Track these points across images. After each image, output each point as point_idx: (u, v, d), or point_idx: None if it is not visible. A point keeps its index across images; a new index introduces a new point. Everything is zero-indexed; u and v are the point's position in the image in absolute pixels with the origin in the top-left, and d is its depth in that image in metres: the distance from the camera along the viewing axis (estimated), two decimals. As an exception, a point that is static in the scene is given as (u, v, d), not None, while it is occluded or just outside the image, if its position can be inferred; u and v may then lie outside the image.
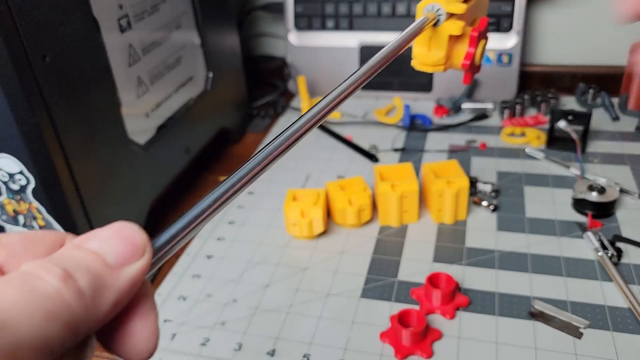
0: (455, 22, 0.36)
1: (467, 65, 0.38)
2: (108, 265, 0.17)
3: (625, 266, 0.47)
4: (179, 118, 0.59)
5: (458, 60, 0.39)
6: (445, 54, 0.37)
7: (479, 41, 0.38)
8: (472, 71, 0.40)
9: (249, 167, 0.24)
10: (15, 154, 0.41)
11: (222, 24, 0.69)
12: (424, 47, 0.38)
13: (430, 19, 0.35)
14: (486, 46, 0.40)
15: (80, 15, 0.43)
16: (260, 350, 0.42)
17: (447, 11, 0.36)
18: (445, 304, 0.44)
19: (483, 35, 0.39)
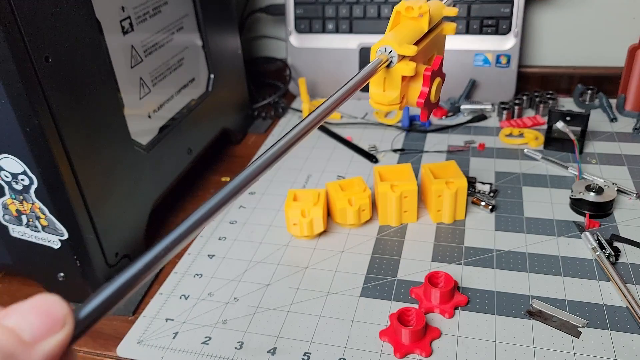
0: (408, 64, 0.37)
1: (421, 103, 0.39)
2: (22, 342, 0.17)
3: (623, 266, 0.47)
4: (180, 119, 0.60)
5: (413, 98, 0.40)
6: (399, 94, 0.38)
7: (433, 80, 0.39)
8: (428, 108, 0.41)
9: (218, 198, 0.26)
10: (18, 154, 0.41)
11: (224, 25, 0.69)
12: (378, 88, 0.39)
13: (383, 60, 0.36)
14: (442, 84, 0.41)
15: (83, 17, 0.43)
16: (261, 349, 0.43)
17: (398, 53, 0.37)
18: (444, 302, 0.44)
19: (438, 73, 0.40)
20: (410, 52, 0.37)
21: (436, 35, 0.42)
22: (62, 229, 0.44)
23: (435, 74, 0.39)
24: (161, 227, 0.59)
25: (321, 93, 0.84)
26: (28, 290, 0.52)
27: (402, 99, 0.39)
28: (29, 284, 0.52)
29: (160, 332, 0.45)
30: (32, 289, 0.51)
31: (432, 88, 0.39)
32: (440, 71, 0.40)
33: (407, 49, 0.37)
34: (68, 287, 0.48)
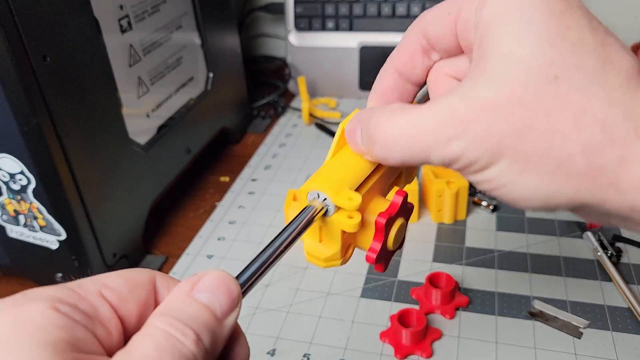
0: (351, 216, 0.27)
1: (372, 259, 0.28)
2: (217, 318, 0.20)
3: (624, 266, 0.47)
4: (179, 118, 0.60)
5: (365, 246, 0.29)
6: (339, 250, 0.28)
7: (390, 227, 0.28)
8: (384, 260, 0.29)
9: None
10: (16, 154, 0.41)
11: (223, 24, 0.69)
12: (313, 238, 0.29)
13: (317, 209, 0.27)
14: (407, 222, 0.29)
15: (81, 16, 0.43)
16: (260, 350, 0.42)
17: (335, 204, 0.27)
18: (445, 303, 0.44)
19: (399, 215, 0.28)
20: (352, 205, 0.26)
21: None
22: (59, 229, 0.44)
23: (393, 220, 0.28)
24: (160, 228, 0.59)
25: (321, 92, 0.84)
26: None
27: (347, 250, 0.29)
28: (26, 284, 0.52)
29: (159, 333, 0.45)
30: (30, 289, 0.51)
31: (389, 237, 0.28)
32: (403, 210, 0.29)
33: (348, 199, 0.26)
34: (66, 287, 0.48)
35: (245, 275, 0.23)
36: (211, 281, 0.20)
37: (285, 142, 0.73)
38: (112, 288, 0.20)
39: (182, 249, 0.55)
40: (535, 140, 0.21)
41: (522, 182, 0.22)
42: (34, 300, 0.19)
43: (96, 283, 0.20)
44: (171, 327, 0.18)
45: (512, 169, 0.22)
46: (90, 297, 0.19)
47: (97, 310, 0.19)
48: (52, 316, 0.18)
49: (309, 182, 0.28)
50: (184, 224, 0.59)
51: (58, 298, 0.19)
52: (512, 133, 0.21)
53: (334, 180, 0.27)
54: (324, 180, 0.28)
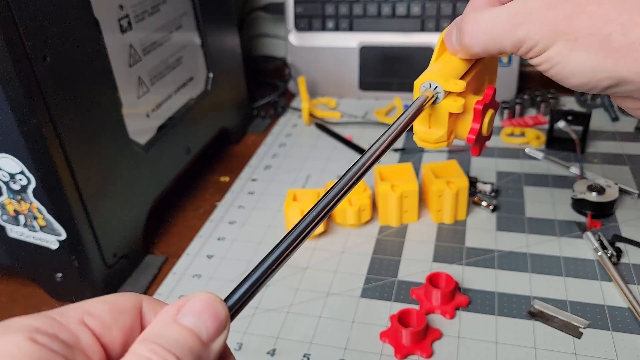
0: (456, 100, 0.34)
1: (472, 140, 0.36)
2: (203, 343, 0.19)
3: (624, 266, 0.47)
4: (179, 118, 0.60)
5: (463, 133, 0.36)
6: (446, 132, 0.35)
7: (485, 113, 0.36)
8: (479, 143, 0.37)
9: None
10: (16, 154, 0.41)
11: (223, 24, 0.69)
12: (424, 125, 0.36)
13: (429, 97, 0.34)
14: (495, 114, 0.37)
15: (81, 16, 0.43)
16: (260, 350, 0.42)
17: (444, 89, 0.34)
18: (445, 303, 0.44)
19: (490, 105, 0.36)
20: (458, 88, 0.33)
21: (487, 60, 0.38)
22: (59, 229, 0.44)
23: (487, 107, 0.35)
24: (160, 227, 0.59)
25: (321, 92, 0.84)
26: (26, 291, 0.51)
27: (450, 135, 0.36)
28: (26, 284, 0.52)
29: (159, 333, 0.45)
30: (30, 289, 0.51)
31: (484, 122, 0.36)
32: (492, 102, 0.36)
33: (455, 84, 0.33)
34: (66, 287, 0.48)
35: (235, 296, 0.23)
36: (197, 304, 0.20)
37: (285, 142, 0.73)
38: (95, 315, 0.20)
39: (182, 249, 0.55)
40: (583, 22, 0.27)
41: (572, 59, 0.28)
42: (11, 332, 0.18)
43: (78, 310, 0.20)
44: (153, 353, 0.18)
45: (565, 47, 0.28)
46: (72, 325, 0.19)
47: (78, 339, 0.19)
48: (29, 348, 0.17)
49: (422, 76, 0.34)
50: (184, 223, 0.59)
51: (36, 328, 0.18)
52: (565, 17, 0.27)
53: (442, 73, 0.34)
54: (435, 73, 0.34)
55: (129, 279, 0.51)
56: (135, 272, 0.52)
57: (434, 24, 0.77)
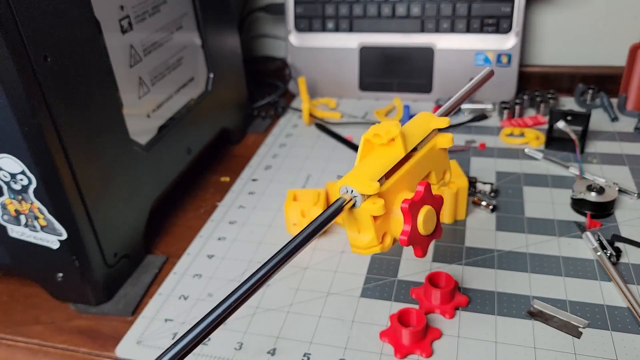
0: (375, 202, 0.32)
1: (405, 241, 0.33)
2: None
3: (624, 266, 0.47)
4: (180, 118, 0.60)
5: (397, 235, 0.34)
6: (374, 236, 0.33)
7: (417, 211, 0.33)
8: (420, 244, 0.35)
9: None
10: (17, 154, 0.41)
11: (223, 25, 0.69)
12: (353, 231, 0.34)
13: (347, 201, 0.32)
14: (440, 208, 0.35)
15: (82, 16, 0.43)
16: (260, 350, 0.42)
17: (359, 192, 0.32)
18: (445, 303, 0.44)
19: (424, 202, 0.34)
20: (372, 189, 0.32)
21: (427, 153, 0.37)
22: (60, 229, 0.44)
23: (416, 205, 0.33)
24: (160, 227, 0.59)
25: (321, 92, 0.84)
26: (27, 291, 0.51)
27: (384, 238, 0.34)
28: (27, 284, 0.52)
29: (160, 333, 0.45)
30: (30, 289, 0.51)
31: (418, 221, 0.33)
32: (428, 198, 0.34)
33: (369, 186, 0.32)
34: (67, 287, 0.48)
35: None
36: None
37: (286, 143, 0.73)
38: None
39: (183, 248, 0.55)
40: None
41: None
42: None
43: None
44: None
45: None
46: None
47: None
48: None
49: (340, 180, 0.33)
50: (185, 224, 0.59)
51: None
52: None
53: (360, 175, 0.33)
54: (351, 176, 0.33)
55: (129, 278, 0.51)
56: (136, 272, 0.52)
57: (434, 24, 0.77)
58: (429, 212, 0.34)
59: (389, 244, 0.34)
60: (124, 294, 0.50)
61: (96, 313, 0.48)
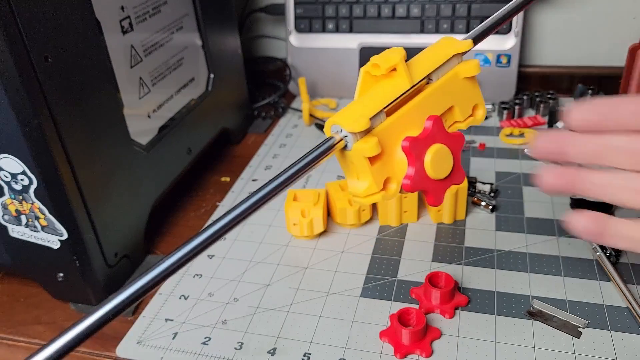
0: (367, 141, 0.28)
1: (408, 186, 0.29)
2: None
3: (623, 266, 0.47)
4: (180, 119, 0.60)
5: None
6: (372, 181, 0.29)
7: (422, 151, 0.29)
8: (434, 190, 0.29)
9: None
10: (18, 154, 0.41)
11: (224, 25, 0.69)
12: (352, 178, 0.30)
13: (337, 141, 0.28)
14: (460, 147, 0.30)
15: (82, 17, 0.43)
16: (261, 349, 0.43)
17: (347, 131, 0.28)
18: (445, 303, 0.44)
19: (433, 140, 0.29)
20: (359, 126, 0.27)
21: (445, 84, 0.31)
22: (61, 229, 0.44)
23: (422, 143, 0.29)
24: (161, 228, 0.59)
25: (321, 93, 0.84)
26: (27, 291, 0.52)
27: (387, 184, 0.30)
28: (28, 284, 0.52)
29: (160, 333, 0.45)
30: (31, 289, 0.51)
31: (426, 162, 0.29)
32: (438, 135, 0.29)
33: (357, 123, 0.27)
34: (67, 287, 0.48)
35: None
36: None
37: (286, 143, 0.73)
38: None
39: (183, 249, 0.55)
40: None
41: None
42: None
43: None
44: None
45: None
46: None
47: None
48: None
49: (330, 118, 0.28)
50: (185, 223, 0.60)
51: None
52: None
53: (351, 113, 0.28)
54: (342, 114, 0.28)
55: (130, 278, 0.52)
56: (136, 272, 0.52)
57: (434, 25, 0.78)
58: (439, 152, 0.29)
59: (393, 191, 0.29)
60: (124, 294, 0.50)
61: (97, 313, 0.48)
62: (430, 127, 0.29)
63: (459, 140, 0.30)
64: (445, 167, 0.30)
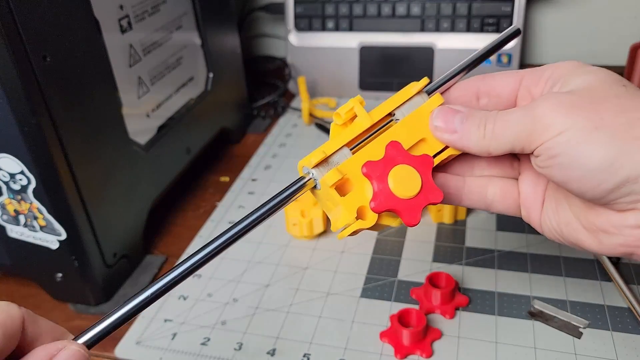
0: (329, 172, 0.30)
1: (375, 207, 0.30)
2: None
3: (624, 266, 0.47)
4: (179, 118, 0.60)
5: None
6: (344, 210, 0.30)
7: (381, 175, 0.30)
8: (408, 209, 0.30)
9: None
10: (16, 154, 0.41)
11: (223, 24, 0.69)
12: (330, 212, 0.32)
13: (307, 179, 0.30)
14: (428, 167, 0.31)
15: (81, 16, 0.43)
16: (260, 350, 0.42)
17: (304, 164, 0.30)
18: (445, 303, 0.44)
19: (393, 162, 0.30)
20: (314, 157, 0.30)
21: (412, 118, 0.33)
22: (60, 229, 0.44)
23: (381, 166, 0.30)
24: (160, 227, 0.59)
25: (321, 92, 0.84)
26: (26, 291, 0.51)
27: (364, 214, 0.30)
28: (27, 284, 0.52)
29: (159, 333, 0.45)
30: (30, 289, 0.51)
31: (389, 182, 0.29)
32: (398, 158, 0.30)
33: (312, 155, 0.30)
34: (66, 287, 0.48)
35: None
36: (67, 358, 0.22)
37: (285, 142, 0.73)
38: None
39: (182, 248, 0.55)
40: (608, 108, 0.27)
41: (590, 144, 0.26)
42: None
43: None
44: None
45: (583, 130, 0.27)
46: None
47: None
48: None
49: (300, 161, 0.31)
50: (184, 223, 0.59)
51: None
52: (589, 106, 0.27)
53: (315, 153, 0.30)
54: (308, 155, 0.31)
55: (129, 279, 0.51)
56: (135, 272, 0.52)
57: (434, 24, 0.77)
58: (401, 171, 0.30)
59: (371, 218, 0.30)
60: (123, 294, 0.49)
61: (95, 313, 0.48)
62: (388, 150, 0.30)
63: (425, 161, 0.31)
64: (411, 185, 0.30)
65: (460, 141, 0.31)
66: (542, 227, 0.33)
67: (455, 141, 0.31)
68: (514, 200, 0.34)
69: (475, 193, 0.34)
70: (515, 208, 0.34)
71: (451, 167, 0.35)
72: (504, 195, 0.34)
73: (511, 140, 0.29)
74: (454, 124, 0.31)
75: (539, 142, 0.28)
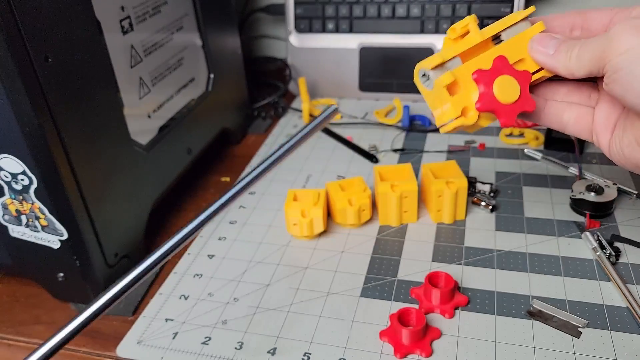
0: (443, 74, 0.36)
1: (481, 107, 0.36)
2: None
3: (623, 266, 0.47)
4: (180, 119, 0.60)
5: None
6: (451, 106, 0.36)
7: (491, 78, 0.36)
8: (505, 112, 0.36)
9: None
10: (18, 154, 0.41)
11: (224, 25, 0.69)
12: (436, 108, 0.38)
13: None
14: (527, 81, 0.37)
15: (82, 17, 0.43)
16: (261, 349, 0.43)
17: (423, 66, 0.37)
18: (445, 303, 0.44)
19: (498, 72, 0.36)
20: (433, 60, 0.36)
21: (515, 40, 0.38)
22: (61, 229, 0.44)
23: (489, 74, 0.36)
24: (161, 227, 0.59)
25: (321, 92, 0.84)
26: (28, 291, 0.52)
27: (466, 112, 0.37)
28: (28, 284, 0.52)
29: (160, 333, 0.45)
30: (31, 289, 0.51)
31: (494, 87, 0.36)
32: (504, 69, 0.36)
33: (431, 59, 0.37)
34: (68, 287, 0.48)
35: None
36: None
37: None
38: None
39: (184, 248, 0.55)
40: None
41: None
42: None
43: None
44: None
45: None
46: None
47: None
48: None
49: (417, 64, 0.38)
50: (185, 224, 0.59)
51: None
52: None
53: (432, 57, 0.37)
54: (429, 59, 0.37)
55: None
56: (136, 272, 0.52)
57: (434, 25, 0.78)
58: (505, 80, 0.36)
59: (472, 116, 0.36)
60: (124, 294, 0.50)
61: (97, 313, 0.48)
62: (495, 63, 0.36)
63: (524, 76, 0.37)
64: (512, 93, 0.36)
65: (551, 62, 0.36)
66: (610, 150, 0.37)
67: (547, 62, 0.36)
68: (587, 125, 0.38)
69: (554, 115, 0.39)
70: (586, 132, 0.38)
71: (538, 89, 0.39)
72: (578, 120, 0.38)
73: (590, 61, 0.33)
74: (549, 47, 0.36)
75: (608, 60, 0.32)
